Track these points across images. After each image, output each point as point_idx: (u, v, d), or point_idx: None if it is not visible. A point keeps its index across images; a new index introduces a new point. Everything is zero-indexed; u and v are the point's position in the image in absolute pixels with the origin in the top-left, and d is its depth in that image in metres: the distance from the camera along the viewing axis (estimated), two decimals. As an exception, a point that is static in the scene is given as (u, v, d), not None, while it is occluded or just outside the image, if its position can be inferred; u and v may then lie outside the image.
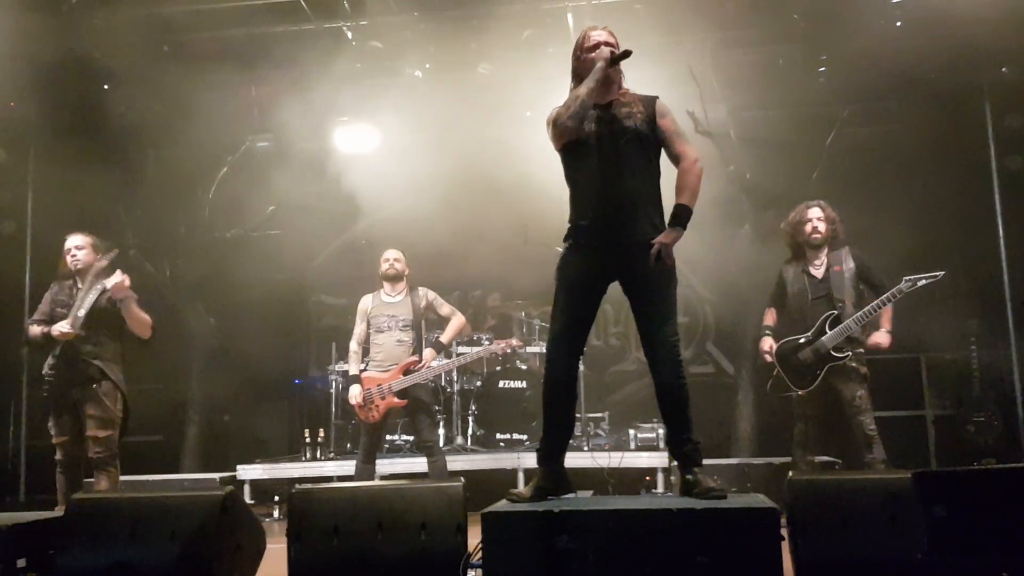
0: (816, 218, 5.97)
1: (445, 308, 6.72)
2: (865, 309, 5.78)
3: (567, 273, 4.07)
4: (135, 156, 8.47)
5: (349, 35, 8.02)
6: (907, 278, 5.67)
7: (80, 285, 5.82)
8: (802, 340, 5.95)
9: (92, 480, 5.71)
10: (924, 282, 5.65)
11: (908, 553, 3.31)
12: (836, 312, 5.85)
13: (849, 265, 5.96)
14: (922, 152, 7.80)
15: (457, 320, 6.69)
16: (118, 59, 8.06)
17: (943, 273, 5.64)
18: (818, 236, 5.97)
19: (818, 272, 6.02)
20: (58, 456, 5.68)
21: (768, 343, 6.10)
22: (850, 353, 5.80)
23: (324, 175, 8.55)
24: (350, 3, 7.78)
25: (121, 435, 5.81)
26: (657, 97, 4.14)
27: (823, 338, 5.85)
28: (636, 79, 4.22)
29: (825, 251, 6.04)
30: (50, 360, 5.69)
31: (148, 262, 8.54)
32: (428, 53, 8.14)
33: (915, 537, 3.22)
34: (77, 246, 5.91)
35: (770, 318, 6.23)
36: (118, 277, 5.64)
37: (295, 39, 8.02)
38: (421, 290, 6.70)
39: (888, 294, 5.73)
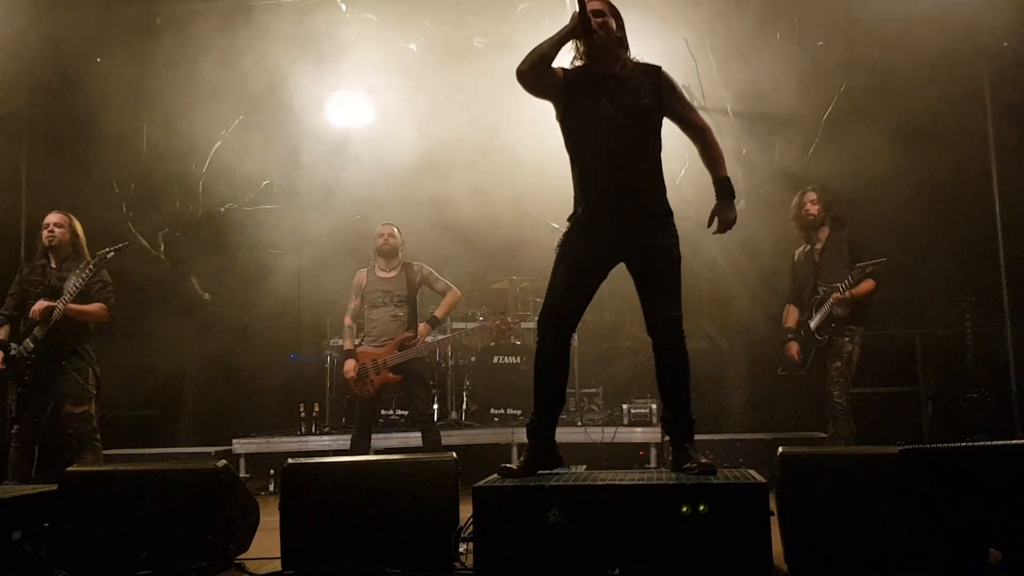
0: (810, 201, 6.29)
1: (440, 283, 6.72)
2: (833, 297, 6.00)
3: (569, 250, 4.05)
4: (128, 130, 8.40)
5: (343, 7, 7.95)
6: (858, 264, 5.95)
7: (53, 264, 5.82)
8: (799, 322, 6.31)
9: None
10: (870, 268, 5.93)
11: (897, 529, 3.33)
12: (819, 296, 6.13)
13: (844, 249, 6.19)
14: (920, 126, 7.75)
15: (452, 295, 6.69)
16: (111, 31, 8.01)
17: (885, 260, 5.94)
18: (810, 217, 6.28)
19: (817, 256, 6.28)
20: (14, 430, 5.69)
21: (794, 349, 6.28)
22: (827, 336, 6.07)
23: (318, 149, 8.51)
24: (344, -25, 7.72)
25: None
26: (660, 68, 4.10)
27: (811, 321, 6.17)
28: (633, 52, 4.20)
29: (826, 234, 6.30)
30: (28, 340, 5.67)
31: (142, 236, 8.51)
32: (423, 26, 8.07)
33: (903, 513, 3.24)
34: (56, 223, 5.89)
35: (791, 318, 6.41)
36: (40, 305, 5.64)
37: (288, 11, 7.95)
38: (416, 265, 6.69)
39: (846, 281, 5.96)
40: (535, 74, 3.96)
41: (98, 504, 4.02)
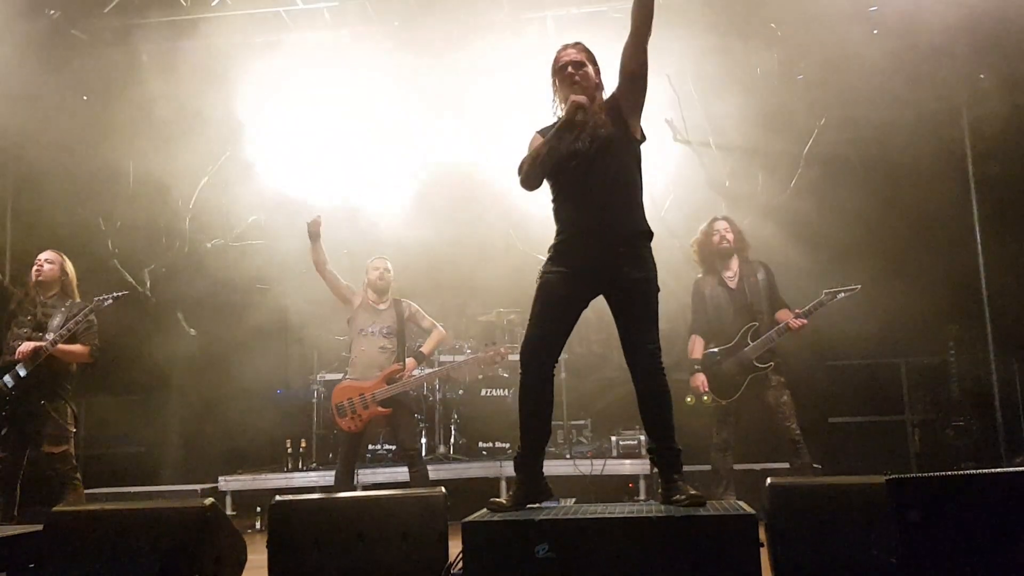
0: (724, 229, 6.29)
1: (426, 321, 6.74)
2: (786, 321, 6.00)
3: (548, 281, 4.08)
4: (114, 166, 8.41)
5: (327, 43, 8.02)
6: (826, 291, 5.94)
7: (41, 298, 5.82)
8: (724, 351, 6.19)
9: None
10: (843, 295, 5.93)
11: (885, 558, 3.34)
12: (756, 324, 6.09)
13: (762, 276, 6.23)
14: (900, 159, 7.86)
15: (438, 332, 6.71)
16: (98, 69, 8.05)
17: (859, 287, 5.93)
18: (727, 244, 6.26)
19: (733, 283, 6.26)
20: None
21: (700, 380, 6.22)
22: (772, 363, 6.06)
23: (304, 184, 8.53)
24: (330, 12, 7.78)
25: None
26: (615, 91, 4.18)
27: (746, 349, 6.09)
28: (614, 85, 4.25)
29: (736, 262, 6.30)
30: (8, 377, 5.65)
31: (128, 273, 8.49)
32: (409, 58, 8.14)
33: (892, 542, 3.24)
34: (48, 259, 5.93)
35: (698, 349, 6.33)
36: (28, 346, 5.64)
37: (273, 48, 8.01)
38: (404, 302, 6.72)
39: (811, 305, 5.98)
40: (537, 183, 4.10)
41: (84, 544, 3.97)
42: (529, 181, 4.10)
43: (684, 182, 8.00)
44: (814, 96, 8.05)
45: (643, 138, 4.21)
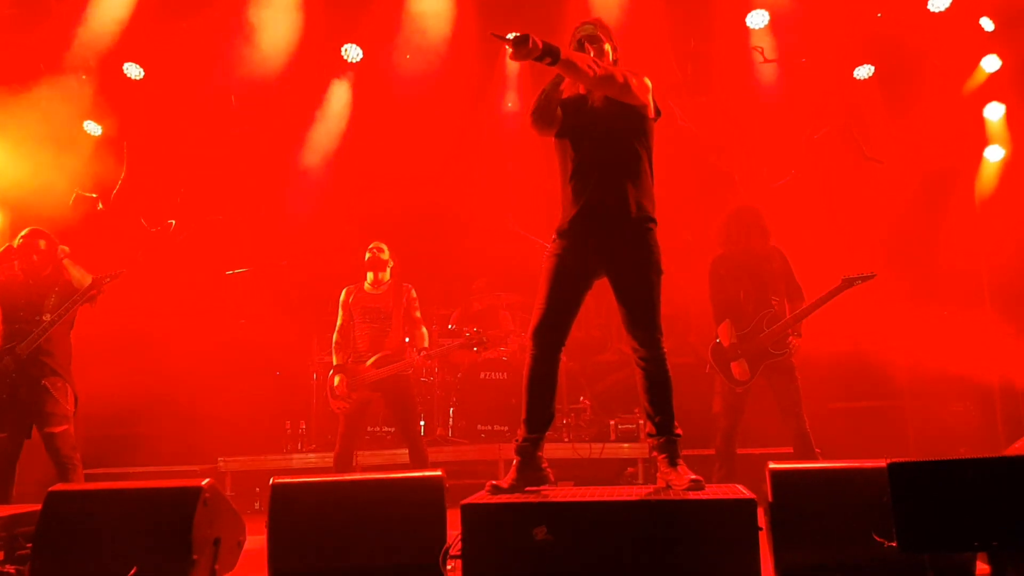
0: (750, 217, 6.25)
1: (417, 314, 6.71)
2: (804, 307, 6.00)
3: (555, 262, 4.08)
4: (110, 145, 8.37)
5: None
6: (845, 278, 5.88)
7: (32, 281, 5.78)
8: (740, 337, 6.11)
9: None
10: (859, 282, 5.88)
11: (886, 542, 3.34)
12: (772, 309, 6.06)
13: (778, 263, 6.19)
14: (903, 144, 7.83)
15: (425, 333, 6.69)
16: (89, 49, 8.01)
17: (875, 275, 5.88)
18: (755, 233, 6.19)
19: (751, 268, 6.17)
20: None
21: (744, 367, 6.07)
22: (786, 352, 5.99)
23: (304, 164, 8.51)
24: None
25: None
26: None
27: (761, 336, 6.03)
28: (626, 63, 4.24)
29: (755, 249, 6.22)
30: (8, 359, 5.63)
31: (122, 252, 8.45)
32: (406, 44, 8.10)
33: (893, 527, 3.24)
34: (32, 243, 5.84)
35: (733, 333, 6.17)
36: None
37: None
38: (405, 285, 6.69)
39: (827, 294, 5.92)
40: (543, 117, 4.05)
41: (82, 524, 3.97)
42: (537, 112, 4.05)
43: (687, 164, 7.97)
44: (819, 78, 8.01)
45: (658, 114, 4.19)
